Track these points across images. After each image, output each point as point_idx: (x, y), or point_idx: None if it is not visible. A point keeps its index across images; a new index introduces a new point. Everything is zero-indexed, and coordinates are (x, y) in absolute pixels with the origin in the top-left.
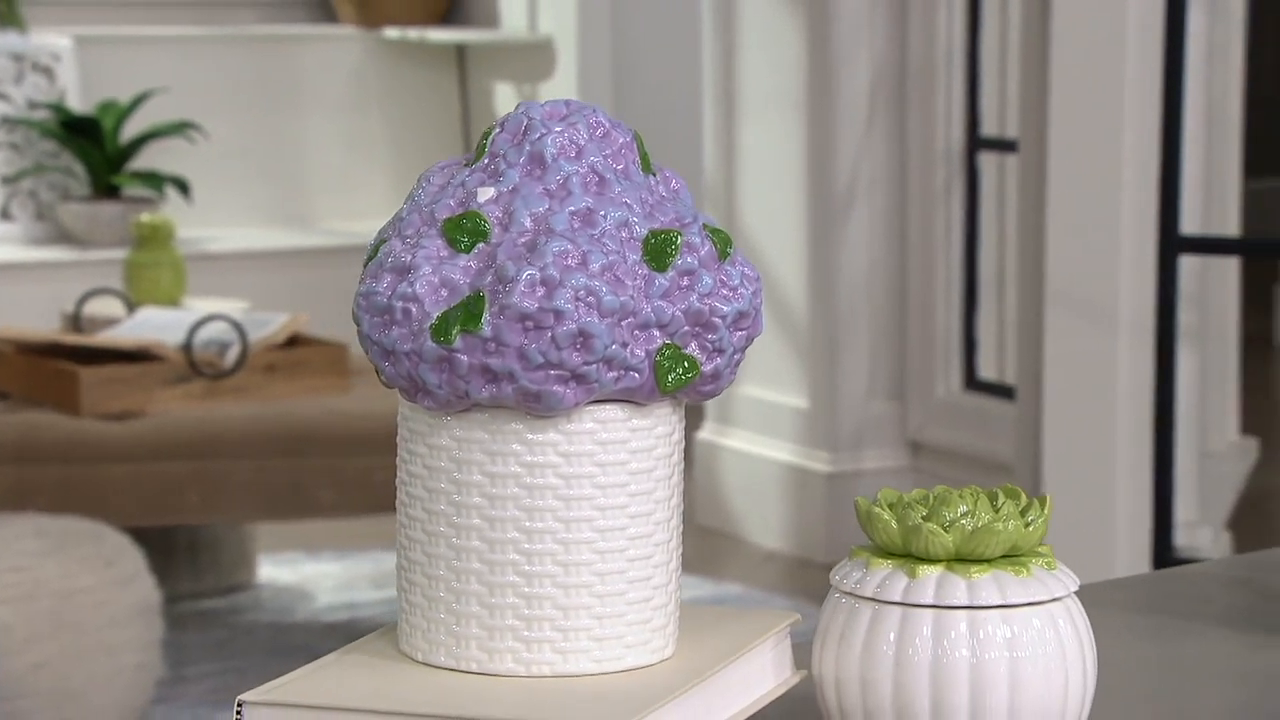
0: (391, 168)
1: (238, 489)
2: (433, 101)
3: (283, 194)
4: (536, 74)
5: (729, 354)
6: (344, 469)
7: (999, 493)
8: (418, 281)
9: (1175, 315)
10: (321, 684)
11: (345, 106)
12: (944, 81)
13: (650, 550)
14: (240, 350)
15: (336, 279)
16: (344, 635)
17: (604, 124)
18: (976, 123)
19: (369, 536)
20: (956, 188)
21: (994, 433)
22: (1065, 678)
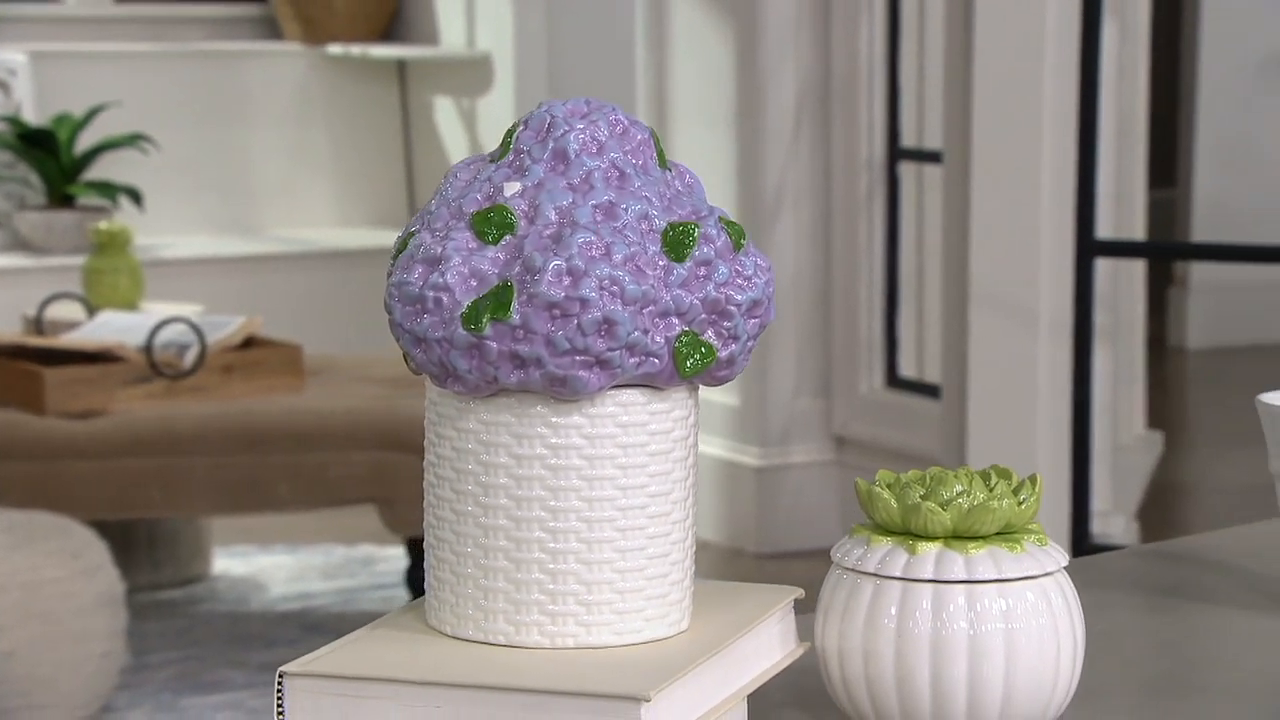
0: (335, 178)
1: (197, 484)
2: (375, 115)
3: (231, 203)
4: (475, 88)
5: (743, 340)
6: (300, 464)
7: (991, 472)
8: (449, 272)
9: (1092, 315)
10: (356, 656)
11: (291, 119)
12: (866, 95)
13: (669, 528)
14: (199, 351)
15: (284, 284)
16: (298, 624)
17: (623, 121)
18: (896, 134)
19: (319, 530)
20: (878, 196)
21: (914, 427)
22: (1057, 648)
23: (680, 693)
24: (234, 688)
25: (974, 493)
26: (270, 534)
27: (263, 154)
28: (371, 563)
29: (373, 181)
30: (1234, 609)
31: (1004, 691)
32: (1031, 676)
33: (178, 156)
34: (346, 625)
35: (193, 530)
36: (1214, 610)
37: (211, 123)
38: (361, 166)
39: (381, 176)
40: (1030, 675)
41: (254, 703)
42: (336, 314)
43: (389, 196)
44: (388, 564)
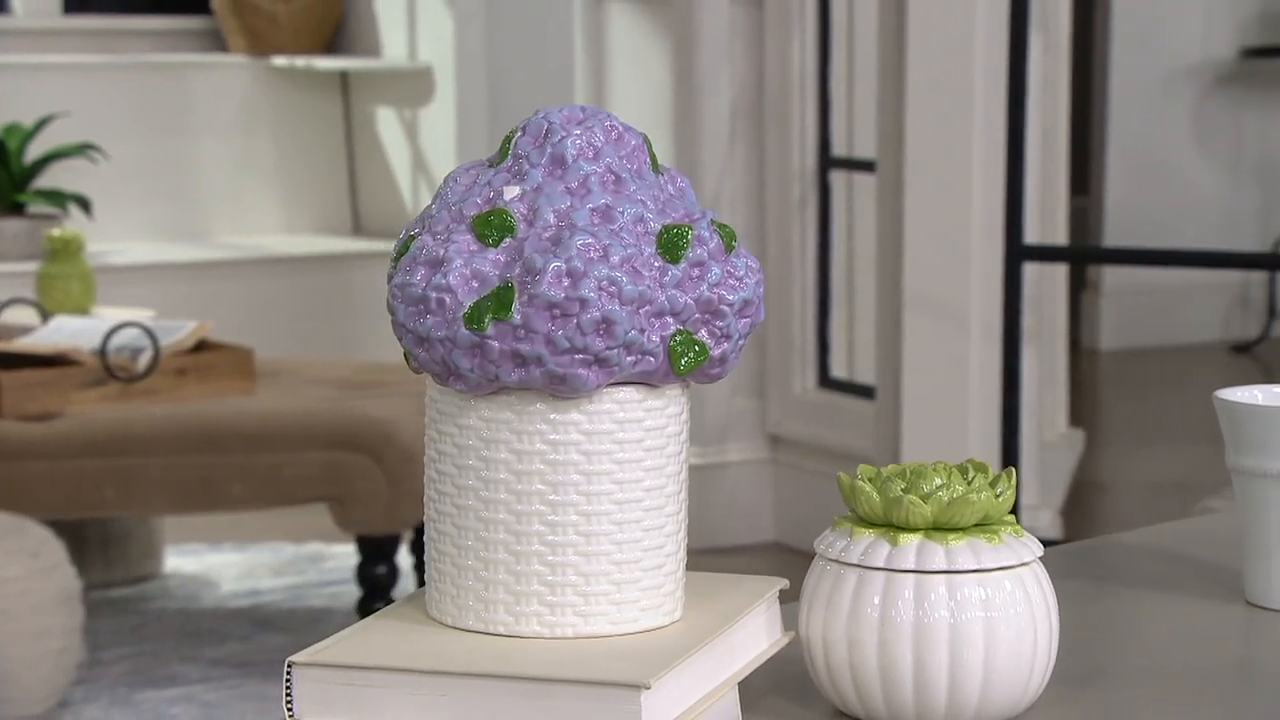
0: (280, 186)
1: (152, 484)
2: (318, 125)
3: (178, 211)
4: (416, 99)
5: (735, 339)
6: (253, 465)
7: (968, 466)
8: (451, 273)
9: (1020, 318)
10: (362, 646)
11: (236, 129)
12: (798, 106)
13: (663, 520)
14: (152, 355)
15: (230, 289)
16: (248, 620)
17: (618, 127)
18: (828, 144)
19: (267, 529)
20: (810, 203)
21: (845, 426)
22: (1034, 634)
23: (677, 680)
24: (188, 682)
25: (953, 486)
26: (219, 533)
27: (209, 163)
28: (320, 560)
29: (317, 189)
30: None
31: (984, 677)
32: (1010, 662)
33: (126, 165)
34: (297, 621)
35: (144, 529)
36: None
37: (159, 132)
38: (306, 175)
39: (325, 185)
40: (1009, 661)
41: (207, 696)
42: (282, 318)
43: (333, 204)
44: (335, 561)
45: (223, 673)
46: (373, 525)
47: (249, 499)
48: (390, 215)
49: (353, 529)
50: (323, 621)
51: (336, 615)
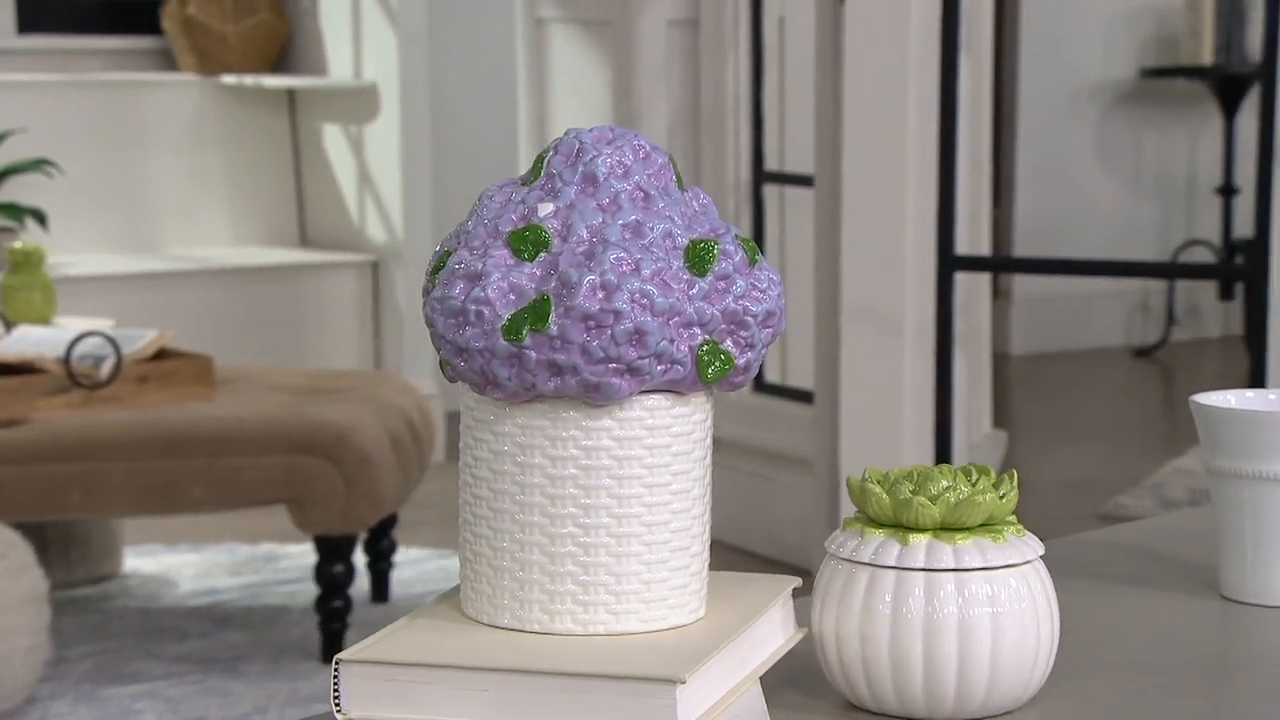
0: (229, 200)
1: (116, 488)
2: (266, 141)
3: (131, 224)
4: (362, 116)
5: (758, 349)
6: (214, 468)
7: (972, 469)
8: (489, 287)
9: (952, 325)
10: (405, 644)
11: (186, 145)
12: (732, 124)
13: (689, 522)
14: (114, 363)
15: (182, 299)
16: (207, 618)
17: (645, 147)
18: (761, 159)
19: (222, 530)
20: (745, 215)
21: (779, 429)
22: (1037, 628)
23: (707, 675)
24: (151, 678)
25: (959, 488)
26: (176, 534)
27: (161, 178)
28: (274, 559)
29: (265, 203)
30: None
31: (990, 669)
32: (1015, 655)
33: (80, 181)
34: (255, 618)
35: (104, 530)
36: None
37: (112, 148)
38: (254, 189)
39: (273, 198)
40: (1014, 654)
41: (170, 692)
42: (233, 327)
43: (281, 217)
44: (290, 560)
45: (185, 669)
46: (330, 526)
47: (210, 501)
48: (336, 228)
49: (311, 529)
50: (280, 619)
51: (293, 613)
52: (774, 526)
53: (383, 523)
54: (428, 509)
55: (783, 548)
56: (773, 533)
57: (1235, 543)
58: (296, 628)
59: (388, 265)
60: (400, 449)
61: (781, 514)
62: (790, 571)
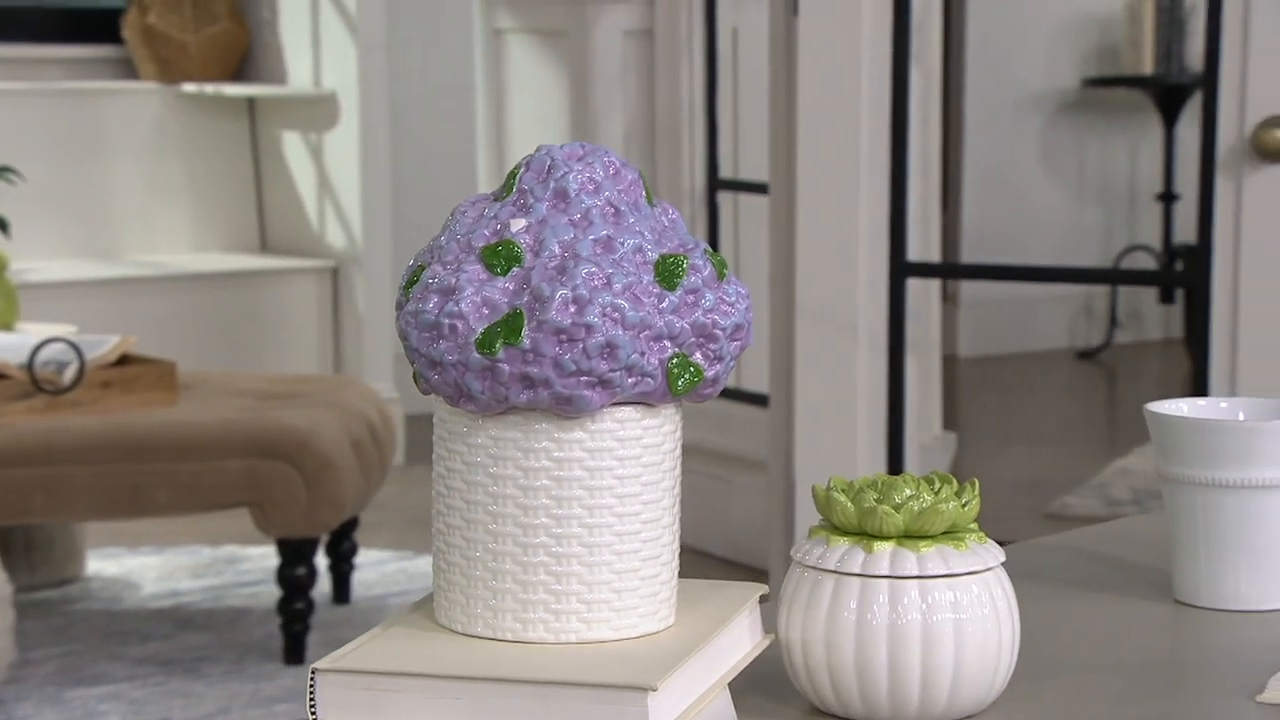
0: (190, 207)
1: (79, 492)
2: (226, 149)
3: (93, 231)
4: (321, 124)
5: (727, 361)
6: (176, 472)
7: (934, 478)
8: (463, 301)
9: (904, 330)
10: (380, 653)
11: (147, 153)
12: (687, 132)
13: (660, 531)
14: (78, 368)
15: (144, 305)
16: (170, 620)
17: (615, 163)
18: (716, 166)
19: (183, 532)
20: (700, 221)
21: (733, 431)
22: (999, 634)
23: (677, 682)
24: (114, 680)
25: (922, 496)
26: (138, 536)
27: (122, 185)
28: (236, 561)
29: (225, 210)
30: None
31: (954, 674)
32: (978, 660)
33: (43, 187)
34: (217, 620)
35: (66, 533)
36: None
37: (74, 156)
38: (215, 196)
39: (233, 205)
40: (977, 659)
41: (134, 693)
42: (193, 333)
43: (241, 223)
44: (251, 563)
45: (148, 670)
46: (292, 529)
47: (173, 505)
48: (296, 234)
49: (273, 532)
50: (242, 621)
51: (255, 615)
52: (730, 528)
53: (344, 525)
54: (388, 511)
55: (739, 549)
56: (729, 534)
57: (1188, 547)
58: (259, 629)
59: (347, 271)
60: (361, 452)
61: (738, 515)
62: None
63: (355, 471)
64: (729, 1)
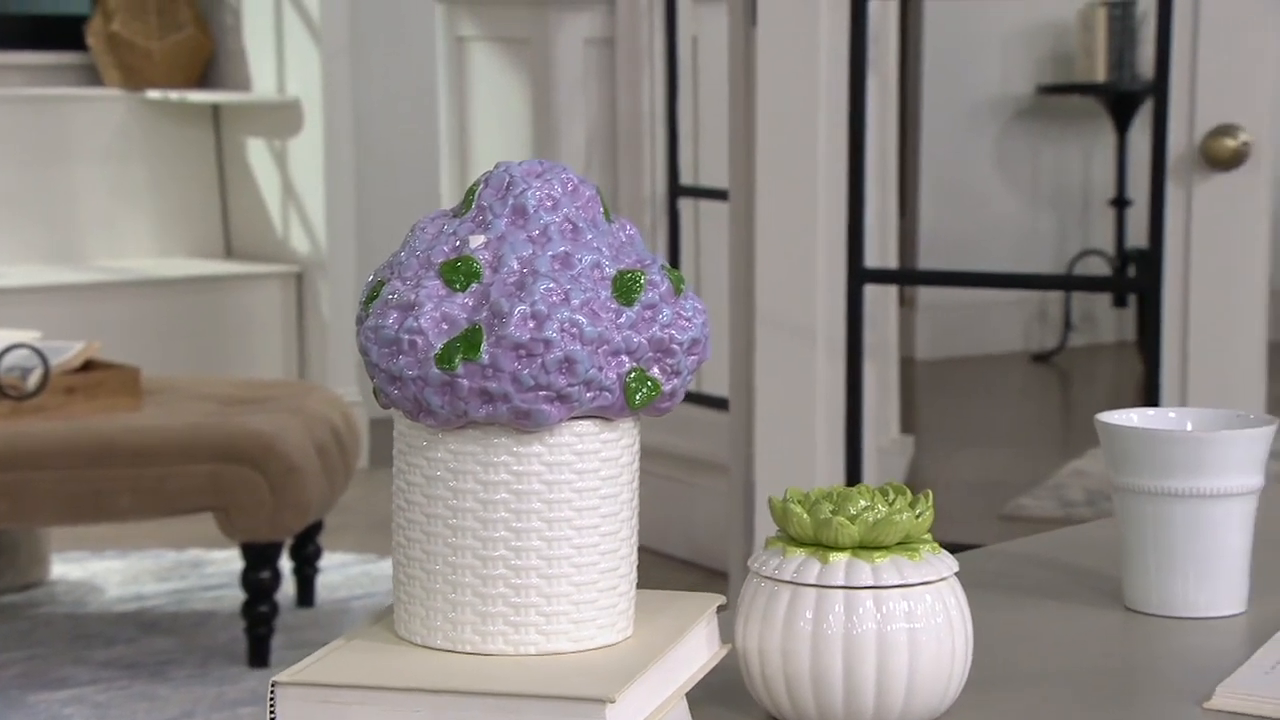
0: (154, 212)
1: (44, 497)
2: (191, 155)
3: (57, 237)
4: (285, 131)
5: (684, 375)
6: (140, 477)
7: (889, 489)
8: (422, 317)
9: (862, 335)
10: (340, 666)
11: (112, 159)
12: (648, 139)
13: (618, 544)
14: (42, 374)
15: (108, 310)
16: (134, 624)
17: (573, 180)
18: (676, 173)
19: (148, 536)
20: (661, 227)
21: (694, 434)
22: (953, 643)
23: (635, 693)
24: (79, 684)
25: (877, 507)
26: (103, 540)
27: (86, 191)
28: (200, 565)
29: (190, 215)
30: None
31: (908, 683)
32: (932, 669)
33: (7, 193)
34: (181, 624)
35: (31, 538)
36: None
37: (38, 162)
38: (179, 202)
39: (198, 211)
40: (931, 668)
41: (99, 697)
42: (158, 338)
43: (205, 229)
44: (216, 566)
45: (112, 674)
46: (257, 533)
47: (137, 510)
48: (261, 239)
49: (238, 537)
50: (207, 624)
51: (220, 618)
52: (691, 530)
53: (308, 529)
54: (352, 514)
55: (700, 551)
56: (690, 536)
57: (1139, 555)
58: (223, 632)
59: (312, 276)
60: (325, 457)
61: (699, 518)
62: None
63: (319, 476)
64: (689, 10)
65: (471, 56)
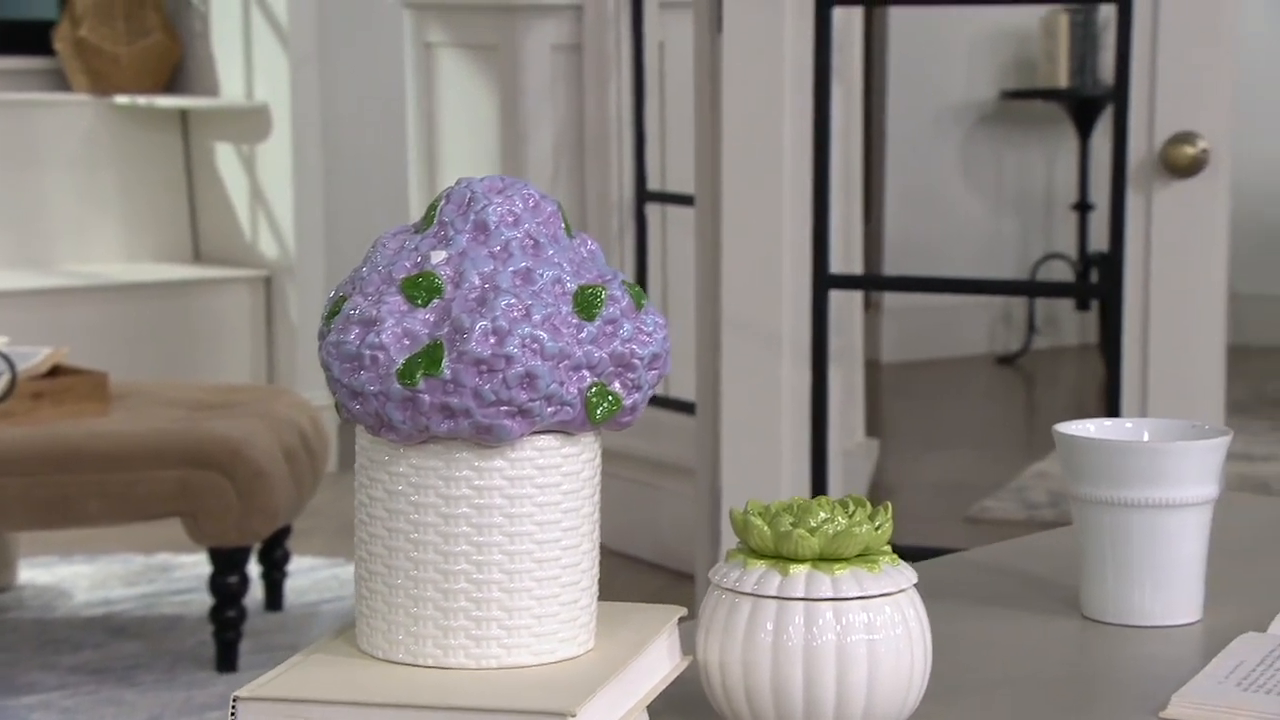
0: (123, 217)
1: (11, 502)
2: (159, 160)
3: (24, 241)
4: (254, 136)
5: (645, 390)
6: (109, 482)
7: (848, 501)
8: (384, 332)
9: (826, 340)
10: (301, 680)
11: (80, 164)
12: (616, 145)
13: (579, 557)
14: (9, 380)
15: (76, 315)
16: (102, 628)
17: (534, 195)
18: (644, 179)
19: (116, 540)
20: (628, 232)
21: (660, 438)
22: (911, 653)
23: (596, 706)
24: (46, 689)
25: (836, 519)
26: (71, 545)
27: (54, 196)
28: (169, 569)
29: (158, 220)
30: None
31: (867, 693)
32: (891, 680)
33: None
34: (149, 628)
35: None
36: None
37: (6, 167)
38: (148, 206)
39: (166, 215)
40: (890, 679)
41: (66, 702)
42: (126, 343)
43: (174, 234)
44: (184, 570)
45: (79, 679)
46: (225, 538)
47: (105, 515)
48: (229, 244)
49: (206, 542)
50: (175, 629)
51: (188, 622)
52: (658, 533)
53: (277, 533)
54: (321, 518)
55: (667, 553)
56: (657, 539)
57: (1096, 564)
58: (191, 637)
59: (280, 280)
60: (294, 462)
61: (665, 521)
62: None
63: (288, 481)
64: (656, 16)
65: (439, 62)
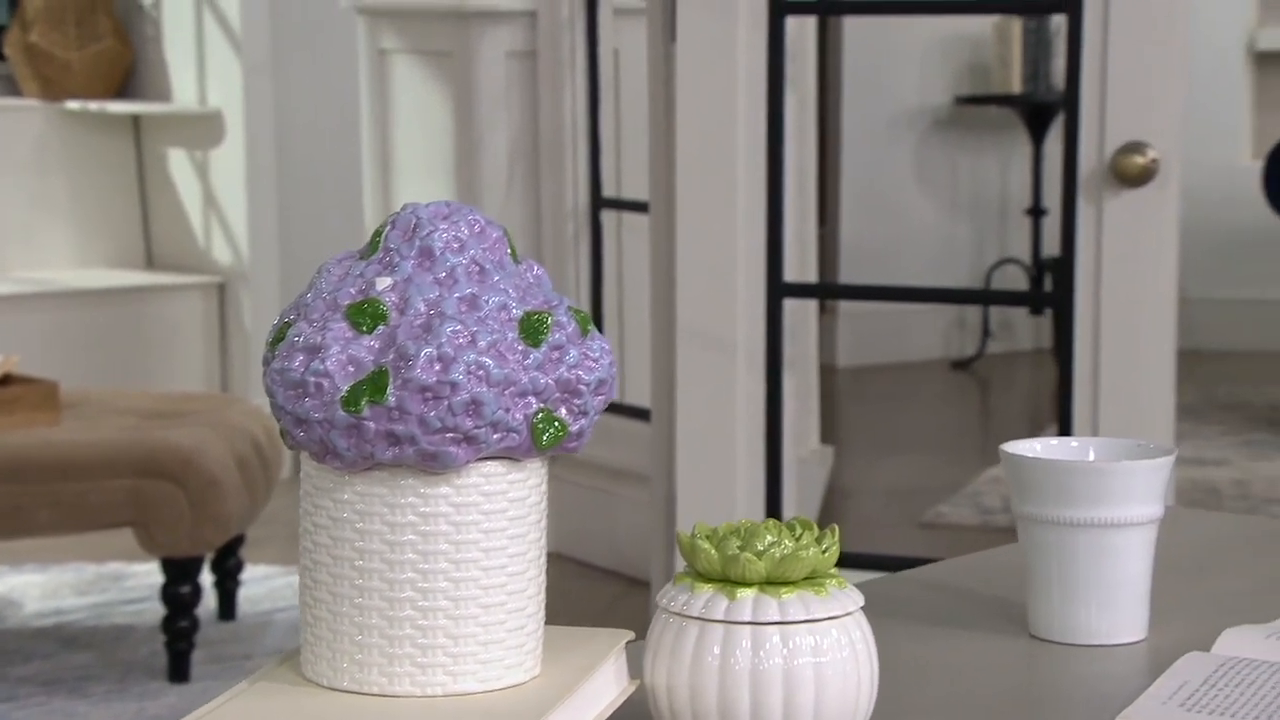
0: (74, 223)
1: None
2: (111, 165)
3: None
4: (207, 142)
5: (590, 415)
6: (60, 492)
7: (795, 524)
8: (328, 359)
9: (781, 348)
10: (242, 711)
11: (31, 170)
12: (570, 151)
13: (525, 584)
14: None
15: (26, 322)
16: (54, 639)
17: (480, 221)
18: (599, 185)
19: (67, 550)
20: (583, 239)
21: (616, 444)
22: (858, 676)
23: None
24: None
25: (784, 543)
26: (21, 554)
27: (5, 201)
28: (121, 579)
29: (110, 226)
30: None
31: (814, 716)
32: (838, 702)
33: None
34: (101, 638)
35: None
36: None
37: None
38: (99, 212)
39: (118, 221)
40: (837, 701)
41: (16, 714)
42: (77, 350)
43: (126, 240)
44: (136, 580)
45: (30, 690)
46: (177, 548)
47: (56, 525)
48: (182, 250)
49: (158, 552)
50: (126, 638)
51: (140, 631)
52: (615, 539)
53: (230, 541)
54: (275, 526)
55: (623, 560)
56: (613, 545)
57: (1043, 583)
58: (144, 646)
59: (234, 287)
60: (246, 471)
61: (620, 527)
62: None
63: (240, 490)
64: (610, 24)
65: (393, 69)
